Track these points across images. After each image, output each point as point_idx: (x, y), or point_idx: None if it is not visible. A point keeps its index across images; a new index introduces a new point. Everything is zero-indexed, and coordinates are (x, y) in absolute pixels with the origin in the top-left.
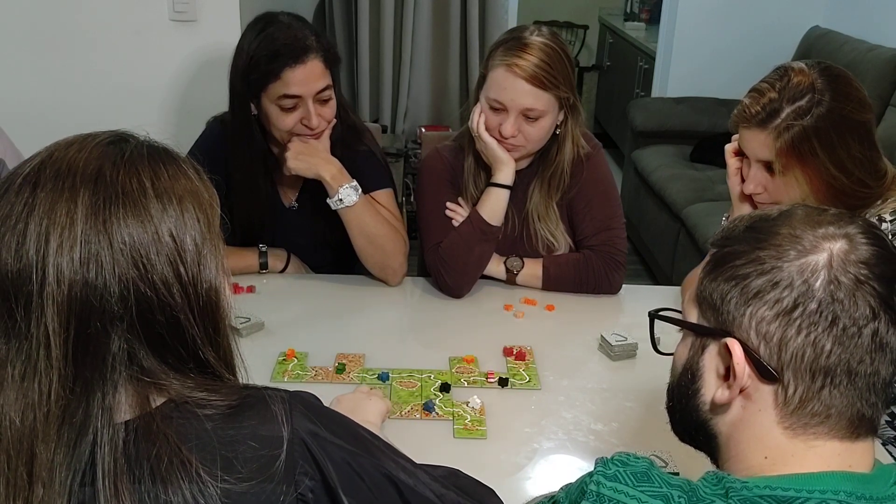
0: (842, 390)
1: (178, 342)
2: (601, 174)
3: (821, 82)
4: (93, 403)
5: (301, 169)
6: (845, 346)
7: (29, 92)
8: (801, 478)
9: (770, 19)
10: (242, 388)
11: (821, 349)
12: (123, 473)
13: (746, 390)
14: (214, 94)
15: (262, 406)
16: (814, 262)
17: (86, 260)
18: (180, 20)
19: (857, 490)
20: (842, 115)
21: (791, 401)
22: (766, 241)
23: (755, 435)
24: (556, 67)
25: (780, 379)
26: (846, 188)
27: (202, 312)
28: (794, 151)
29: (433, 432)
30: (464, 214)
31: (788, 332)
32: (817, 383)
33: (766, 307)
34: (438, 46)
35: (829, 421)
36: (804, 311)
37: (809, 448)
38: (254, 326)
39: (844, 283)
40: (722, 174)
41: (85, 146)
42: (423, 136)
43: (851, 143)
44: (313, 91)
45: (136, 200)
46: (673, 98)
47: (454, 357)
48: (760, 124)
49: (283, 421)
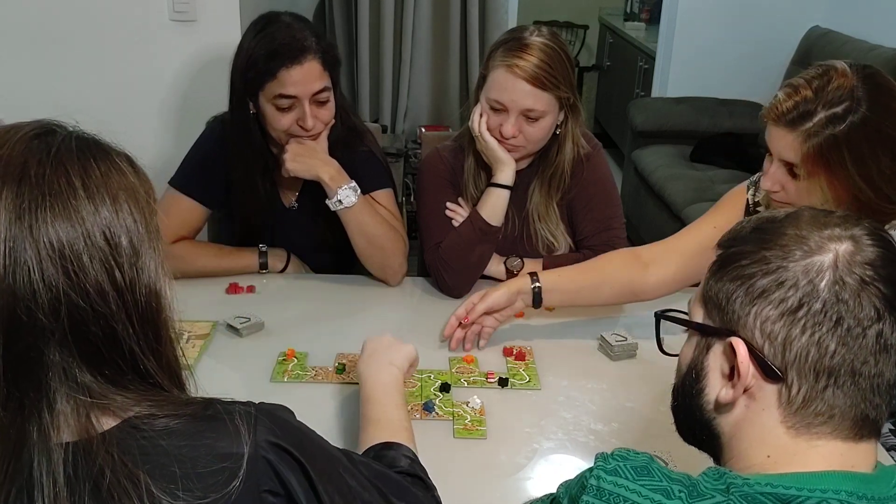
0: (845, 391)
1: (116, 354)
2: (601, 174)
3: (862, 90)
4: (29, 423)
5: (299, 170)
6: (850, 346)
7: (29, 91)
8: (802, 476)
9: (770, 19)
10: (203, 402)
11: (825, 349)
12: (64, 495)
13: (750, 390)
14: (214, 94)
15: (224, 421)
16: (819, 263)
17: (10, 268)
18: (180, 20)
19: (858, 490)
20: (878, 128)
21: (795, 400)
22: (772, 242)
23: (758, 434)
24: (556, 68)
25: (784, 378)
26: (871, 203)
27: (141, 321)
28: (822, 159)
29: (433, 432)
30: (464, 214)
31: (793, 331)
32: (821, 383)
33: (771, 307)
34: (438, 46)
35: (832, 421)
36: (809, 310)
37: (812, 447)
38: (254, 326)
39: (849, 283)
40: (722, 174)
41: (7, 141)
42: (423, 136)
43: (883, 159)
44: (309, 92)
45: (66, 201)
46: (673, 98)
47: (454, 357)
48: (790, 124)
49: (246, 436)
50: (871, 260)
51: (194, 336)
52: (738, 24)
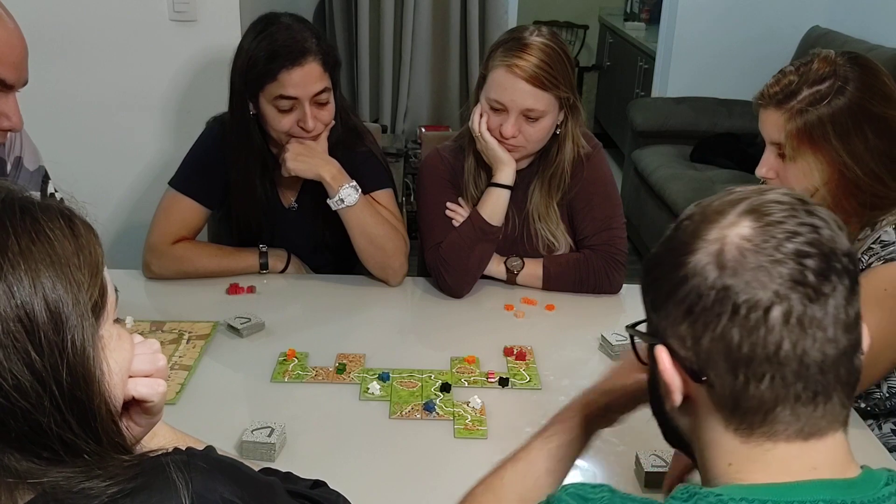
0: (767, 382)
1: (48, 442)
2: (601, 174)
3: (845, 70)
4: None
5: (300, 170)
6: (753, 333)
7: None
8: (775, 488)
9: (770, 19)
10: (135, 463)
11: (730, 341)
12: None
13: (691, 395)
14: (214, 94)
15: (159, 477)
16: (707, 256)
17: None
18: (180, 20)
19: (836, 497)
20: (861, 105)
21: (724, 400)
22: (673, 243)
23: (713, 440)
24: (556, 68)
25: (708, 378)
26: (860, 182)
27: (70, 403)
28: (807, 135)
29: (434, 432)
30: (464, 214)
31: (696, 329)
32: (739, 378)
33: (675, 308)
34: (438, 46)
35: (770, 420)
36: (704, 305)
37: (765, 452)
38: (254, 327)
39: (739, 270)
40: (722, 174)
41: None
42: (423, 136)
43: (869, 135)
44: (310, 93)
45: None
46: (673, 98)
47: (455, 357)
48: (777, 105)
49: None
50: (759, 242)
51: (195, 336)
52: (738, 25)
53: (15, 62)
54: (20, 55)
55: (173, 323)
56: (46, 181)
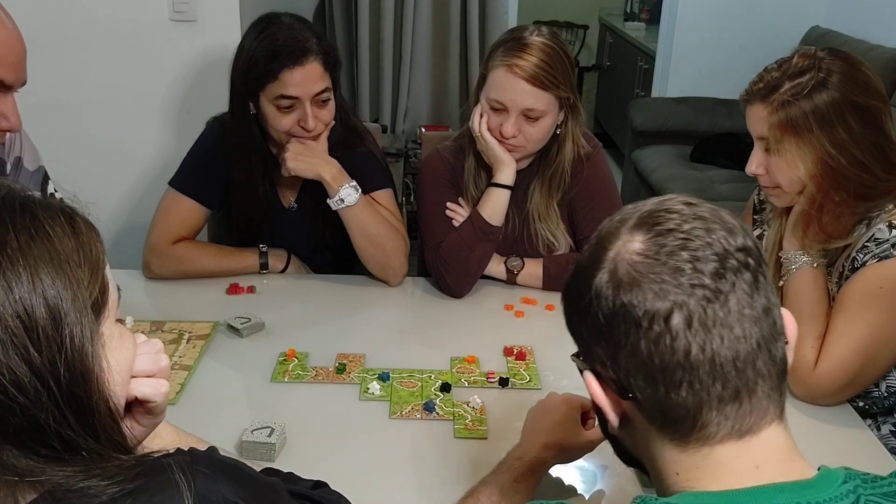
0: (686, 388)
1: (47, 439)
2: (602, 174)
3: (825, 63)
4: None
5: (301, 170)
6: (659, 343)
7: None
8: (727, 495)
9: (770, 19)
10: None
11: (641, 354)
12: None
13: (627, 414)
14: (214, 94)
15: (161, 477)
16: (602, 275)
17: None
18: (180, 20)
19: (792, 500)
20: (843, 94)
21: (653, 413)
22: (578, 270)
23: (656, 454)
24: (556, 67)
25: (633, 395)
26: (846, 171)
27: (69, 400)
28: (789, 125)
29: (434, 432)
30: (464, 214)
31: (610, 349)
32: (660, 389)
33: (588, 332)
34: (438, 46)
35: (700, 425)
36: (610, 325)
37: (705, 458)
38: (254, 327)
39: (634, 285)
40: (722, 174)
41: None
42: (423, 136)
43: (852, 124)
44: (311, 93)
45: None
46: (673, 98)
47: (455, 357)
48: (761, 99)
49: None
50: (651, 255)
51: (195, 336)
52: (738, 25)
53: (14, 62)
54: (19, 55)
55: (173, 323)
56: (47, 181)
